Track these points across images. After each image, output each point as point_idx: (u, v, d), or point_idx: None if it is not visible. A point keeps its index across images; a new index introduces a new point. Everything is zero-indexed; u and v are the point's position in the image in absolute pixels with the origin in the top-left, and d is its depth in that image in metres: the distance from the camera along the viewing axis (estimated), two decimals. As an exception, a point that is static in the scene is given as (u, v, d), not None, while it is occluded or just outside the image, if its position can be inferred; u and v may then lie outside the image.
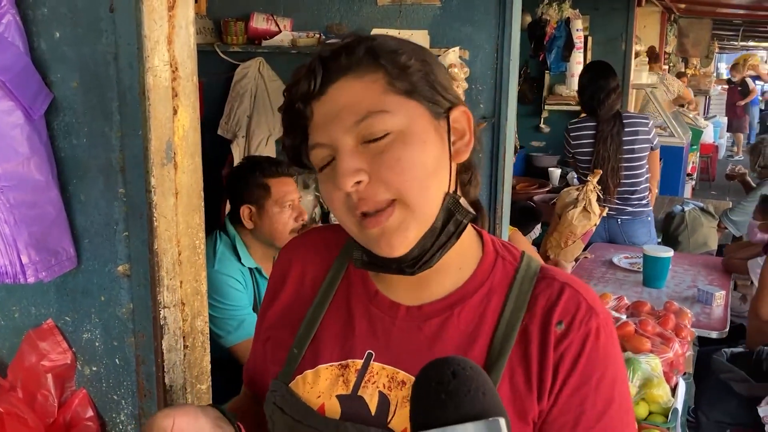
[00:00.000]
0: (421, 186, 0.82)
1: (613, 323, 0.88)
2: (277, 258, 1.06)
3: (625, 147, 3.83)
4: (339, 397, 0.89)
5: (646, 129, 3.91)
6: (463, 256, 0.91)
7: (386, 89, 0.83)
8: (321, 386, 0.90)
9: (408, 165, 0.81)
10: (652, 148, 3.96)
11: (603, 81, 3.85)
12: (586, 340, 0.84)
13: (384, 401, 0.87)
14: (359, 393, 0.88)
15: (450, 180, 0.86)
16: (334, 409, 0.89)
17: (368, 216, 0.82)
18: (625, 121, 3.85)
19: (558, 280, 0.89)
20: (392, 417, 0.86)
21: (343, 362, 0.91)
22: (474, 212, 0.90)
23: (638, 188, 3.94)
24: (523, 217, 4.15)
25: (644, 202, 3.98)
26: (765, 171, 4.87)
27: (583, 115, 4.23)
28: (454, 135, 0.88)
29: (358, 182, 0.81)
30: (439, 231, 0.85)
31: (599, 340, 0.84)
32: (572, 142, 3.97)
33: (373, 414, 0.87)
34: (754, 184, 5.11)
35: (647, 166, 3.97)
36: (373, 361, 0.89)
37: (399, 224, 0.82)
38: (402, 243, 0.83)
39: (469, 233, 0.92)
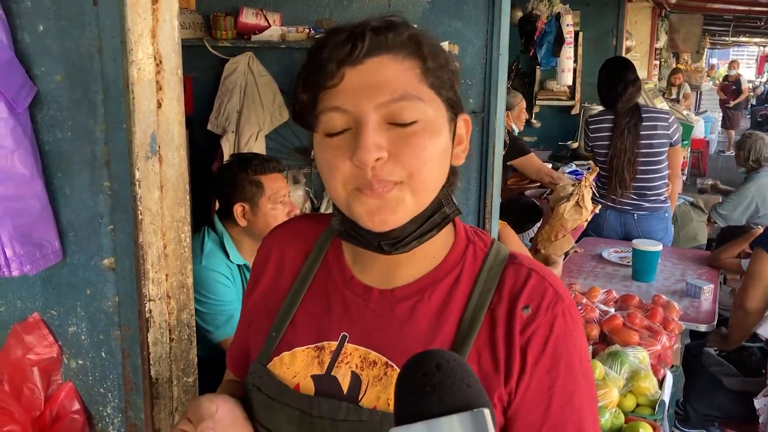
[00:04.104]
0: (430, 177, 0.85)
1: (576, 309, 0.92)
2: (259, 247, 1.07)
3: (642, 141, 3.79)
4: (313, 376, 0.92)
5: (666, 124, 3.84)
6: (437, 243, 0.93)
7: (421, 79, 0.85)
8: (297, 367, 0.93)
9: (430, 155, 0.84)
10: (671, 144, 3.92)
11: (620, 74, 3.82)
12: (553, 324, 0.87)
13: (356, 380, 0.90)
14: (333, 373, 0.91)
15: (446, 177, 0.90)
16: (308, 387, 0.92)
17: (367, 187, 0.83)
18: (643, 114, 3.82)
19: (525, 266, 0.92)
20: (363, 395, 0.89)
21: (318, 344, 0.93)
22: (460, 210, 0.93)
23: (656, 184, 3.88)
24: (525, 215, 4.16)
25: (662, 198, 3.93)
26: (752, 165, 4.91)
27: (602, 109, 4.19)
28: (455, 139, 0.91)
29: (377, 159, 0.82)
30: (426, 218, 0.88)
31: (566, 324, 0.88)
32: (591, 135, 3.94)
33: (345, 392, 0.90)
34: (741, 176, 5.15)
35: (666, 162, 3.95)
36: (347, 342, 0.92)
37: (397, 202, 0.84)
38: (395, 221, 0.85)
39: None
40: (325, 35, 0.86)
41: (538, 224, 3.85)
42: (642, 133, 3.80)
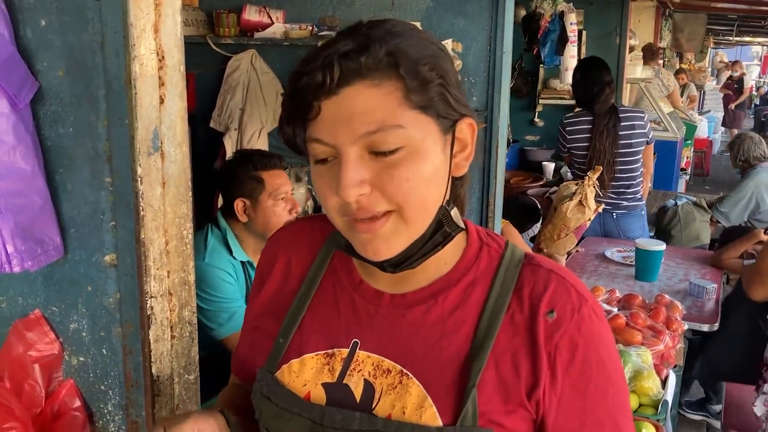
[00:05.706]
0: (421, 203, 0.82)
1: (599, 305, 0.89)
2: (264, 248, 1.05)
3: (621, 141, 3.84)
4: (324, 385, 0.90)
5: (642, 123, 3.92)
6: (448, 249, 0.90)
7: (402, 102, 0.79)
8: (307, 375, 0.91)
9: (415, 183, 0.80)
10: (647, 142, 3.98)
11: (596, 75, 3.87)
12: (581, 328, 0.84)
13: (369, 389, 0.87)
14: (344, 381, 0.89)
15: (446, 192, 0.86)
16: (319, 396, 0.89)
17: (360, 220, 0.82)
18: (621, 115, 3.86)
19: (543, 267, 0.89)
20: (377, 404, 0.87)
21: (328, 351, 0.91)
22: (463, 226, 0.90)
23: (634, 182, 3.94)
24: (525, 215, 4.16)
25: (638, 196, 4.00)
26: (745, 164, 5.00)
27: (578, 110, 4.23)
28: (456, 146, 0.86)
29: (360, 194, 0.80)
30: (427, 239, 0.86)
31: (593, 325, 0.86)
32: (568, 137, 3.98)
33: (358, 401, 0.88)
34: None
35: (642, 161, 3.98)
36: (359, 349, 0.90)
37: (390, 234, 0.82)
38: (389, 251, 0.83)
39: None
40: (300, 63, 0.82)
41: (539, 223, 3.84)
42: (621, 133, 3.84)
